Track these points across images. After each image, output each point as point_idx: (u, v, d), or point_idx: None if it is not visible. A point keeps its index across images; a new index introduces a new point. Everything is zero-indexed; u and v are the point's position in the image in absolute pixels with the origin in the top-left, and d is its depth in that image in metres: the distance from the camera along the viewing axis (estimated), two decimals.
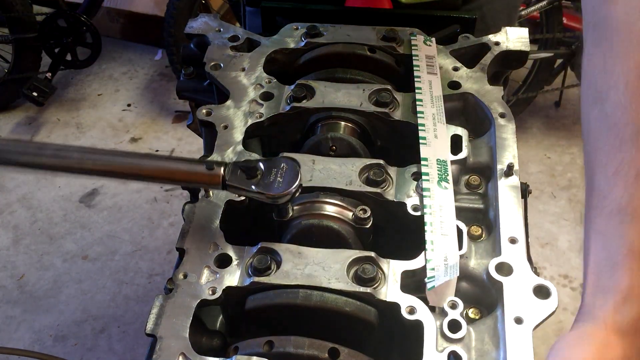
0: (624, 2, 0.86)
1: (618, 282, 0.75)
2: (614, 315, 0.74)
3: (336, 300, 0.80)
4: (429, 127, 0.98)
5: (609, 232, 0.78)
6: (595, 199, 0.81)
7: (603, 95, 0.84)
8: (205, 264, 0.86)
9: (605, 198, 0.80)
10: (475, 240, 0.89)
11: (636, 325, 0.74)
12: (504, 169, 0.94)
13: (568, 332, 0.75)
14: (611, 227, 0.78)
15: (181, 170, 0.87)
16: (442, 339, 0.77)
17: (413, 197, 0.91)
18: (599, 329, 0.73)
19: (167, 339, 0.79)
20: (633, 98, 0.81)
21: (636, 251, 0.76)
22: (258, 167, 0.85)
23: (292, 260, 0.84)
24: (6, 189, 3.08)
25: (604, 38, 0.87)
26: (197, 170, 0.86)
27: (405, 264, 0.84)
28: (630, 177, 0.79)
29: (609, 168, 0.80)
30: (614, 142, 0.81)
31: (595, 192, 0.81)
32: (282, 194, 0.84)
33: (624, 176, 0.79)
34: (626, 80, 0.82)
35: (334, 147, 1.01)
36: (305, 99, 1.05)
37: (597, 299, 0.76)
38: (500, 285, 0.81)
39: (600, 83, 0.86)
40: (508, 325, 0.77)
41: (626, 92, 0.82)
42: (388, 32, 1.15)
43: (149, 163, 0.87)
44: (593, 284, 0.77)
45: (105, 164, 0.86)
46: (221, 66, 1.14)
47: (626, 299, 0.74)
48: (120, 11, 3.68)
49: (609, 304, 0.74)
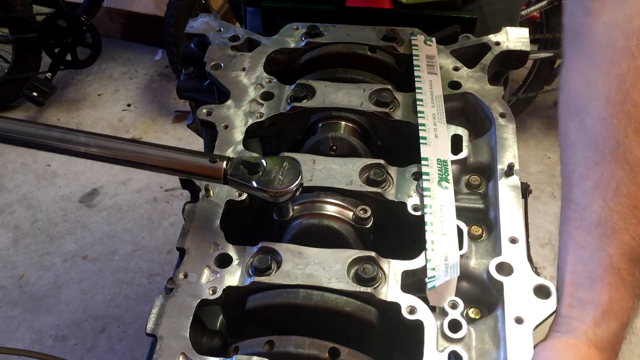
0: (606, 17, 0.86)
1: (598, 297, 0.76)
2: (594, 328, 0.75)
3: (337, 300, 0.80)
4: (429, 127, 0.98)
5: (589, 245, 0.79)
6: (573, 211, 0.82)
7: (583, 107, 0.85)
8: (206, 264, 0.86)
9: (585, 210, 0.80)
10: (475, 240, 0.89)
11: (613, 340, 0.76)
12: (505, 169, 0.94)
13: (548, 341, 0.76)
14: (590, 240, 0.79)
15: (184, 161, 0.87)
16: (442, 338, 0.77)
17: (413, 196, 0.91)
18: (581, 341, 0.74)
19: (168, 339, 0.79)
20: (614, 112, 0.82)
21: (615, 266, 0.77)
22: (260, 164, 0.86)
23: (293, 260, 0.84)
24: (6, 189, 3.08)
25: (585, 51, 0.87)
26: (200, 163, 0.86)
27: (405, 263, 0.84)
28: (610, 192, 0.80)
29: (588, 181, 0.81)
30: (594, 156, 0.82)
31: (573, 204, 0.82)
32: (282, 191, 0.84)
33: (603, 190, 0.80)
34: (607, 94, 0.83)
35: (334, 147, 1.01)
36: (306, 98, 1.05)
37: (577, 312, 0.77)
38: (500, 285, 0.81)
39: (580, 95, 0.86)
40: (508, 325, 0.77)
41: (607, 107, 0.82)
42: (388, 32, 1.15)
43: (153, 152, 0.87)
44: (571, 296, 0.78)
45: (111, 150, 0.87)
46: (221, 66, 1.14)
47: (605, 314, 0.75)
48: (120, 11, 3.68)
49: (589, 318, 0.75)
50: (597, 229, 0.79)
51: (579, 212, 0.81)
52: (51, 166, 3.18)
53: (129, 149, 0.87)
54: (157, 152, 0.88)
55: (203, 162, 0.86)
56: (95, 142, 0.87)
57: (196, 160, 0.87)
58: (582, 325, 0.75)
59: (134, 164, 0.88)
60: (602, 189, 0.80)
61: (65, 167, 3.17)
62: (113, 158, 0.87)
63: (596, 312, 0.75)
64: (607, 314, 0.75)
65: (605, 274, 0.77)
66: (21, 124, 0.88)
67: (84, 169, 3.15)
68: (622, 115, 0.81)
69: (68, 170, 3.15)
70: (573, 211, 0.82)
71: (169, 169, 0.88)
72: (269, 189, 0.84)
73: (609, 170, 0.80)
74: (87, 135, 0.87)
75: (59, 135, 0.87)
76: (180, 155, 0.88)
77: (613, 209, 0.79)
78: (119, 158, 0.87)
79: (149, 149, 0.88)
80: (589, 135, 0.83)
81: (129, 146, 0.88)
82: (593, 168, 0.81)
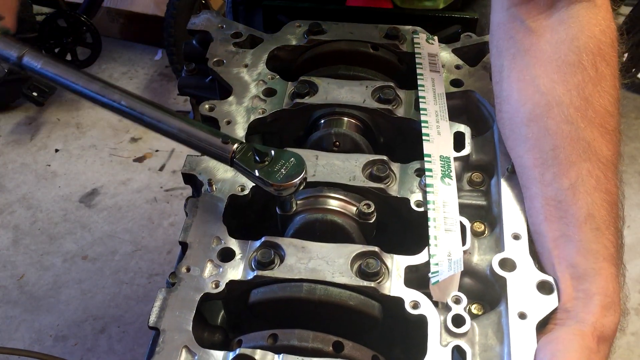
0: (549, 36, 0.90)
1: (602, 287, 0.78)
2: (602, 318, 0.76)
3: (340, 294, 0.80)
4: (431, 124, 0.99)
5: (583, 239, 0.80)
6: (556, 209, 0.83)
7: (542, 114, 0.87)
8: (209, 258, 0.86)
9: (570, 207, 0.82)
10: (478, 236, 0.90)
11: (614, 330, 0.77)
12: (507, 166, 0.94)
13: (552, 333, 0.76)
14: (584, 234, 0.81)
15: (199, 135, 0.90)
16: (446, 333, 0.78)
17: (416, 193, 0.91)
18: (587, 332, 0.75)
19: (170, 332, 0.79)
20: (579, 116, 0.84)
21: (612, 257, 0.80)
22: (269, 154, 0.86)
23: (296, 254, 0.84)
24: (6, 189, 3.08)
25: (531, 65, 0.90)
26: (212, 140, 0.89)
27: (409, 259, 0.84)
28: (591, 188, 0.82)
29: (566, 180, 0.83)
30: (567, 157, 0.84)
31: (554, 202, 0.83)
32: (284, 185, 0.84)
33: (585, 187, 0.82)
34: (569, 100, 0.85)
35: (337, 143, 1.01)
36: (308, 95, 1.05)
37: (582, 304, 0.77)
38: (504, 281, 0.82)
39: (536, 103, 0.88)
40: (512, 321, 0.78)
41: (571, 111, 0.85)
42: (391, 30, 1.16)
43: (173, 121, 0.91)
44: (575, 289, 0.79)
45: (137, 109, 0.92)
46: (224, 62, 1.14)
47: (612, 304, 0.77)
48: (120, 11, 3.68)
49: (597, 309, 0.76)
50: (588, 222, 0.81)
51: (564, 210, 0.82)
52: (51, 166, 3.18)
53: (153, 114, 0.91)
54: (176, 121, 0.91)
55: (215, 140, 0.88)
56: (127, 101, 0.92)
57: (210, 136, 0.89)
58: (591, 317, 0.76)
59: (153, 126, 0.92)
60: (585, 185, 0.82)
61: (65, 167, 3.17)
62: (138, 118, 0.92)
63: (604, 303, 0.77)
64: (612, 304, 0.77)
65: (607, 264, 0.79)
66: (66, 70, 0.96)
67: (84, 169, 3.15)
68: (587, 120, 0.84)
69: (68, 170, 3.15)
70: (556, 209, 0.83)
71: (184, 139, 0.91)
72: (269, 180, 0.84)
73: (586, 169, 0.83)
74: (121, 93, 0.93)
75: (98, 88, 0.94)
76: (196, 129, 0.90)
77: (599, 204, 0.81)
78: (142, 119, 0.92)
79: (171, 117, 0.92)
80: (557, 137, 0.85)
81: (155, 111, 0.92)
82: (570, 167, 0.83)
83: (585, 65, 0.86)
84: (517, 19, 0.93)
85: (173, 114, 0.92)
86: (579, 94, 0.85)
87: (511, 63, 0.93)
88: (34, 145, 3.30)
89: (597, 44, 0.87)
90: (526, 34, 0.91)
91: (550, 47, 0.89)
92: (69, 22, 3.20)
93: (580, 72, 0.86)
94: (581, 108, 0.85)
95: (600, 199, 0.82)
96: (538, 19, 0.91)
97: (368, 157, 0.96)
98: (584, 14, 0.88)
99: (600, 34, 0.87)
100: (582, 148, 0.83)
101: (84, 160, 3.21)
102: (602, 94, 0.85)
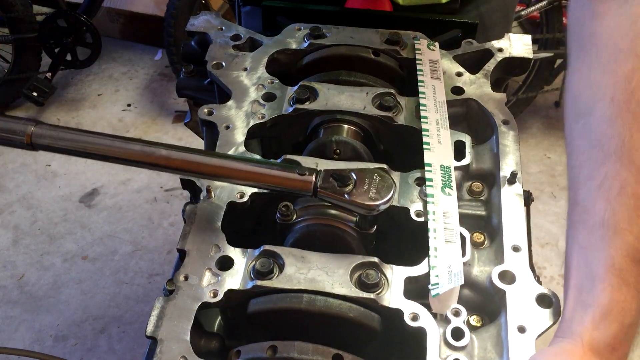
0: (610, 18, 0.86)
1: (598, 298, 0.75)
2: (592, 331, 0.73)
3: (340, 305, 0.80)
4: (432, 133, 0.98)
5: (591, 246, 0.78)
6: (578, 214, 0.81)
7: (588, 109, 0.84)
8: (207, 266, 0.85)
9: (588, 212, 0.79)
10: (477, 247, 0.89)
11: (613, 343, 0.73)
12: (507, 177, 0.93)
13: (546, 348, 0.74)
14: (593, 241, 0.78)
15: (273, 175, 0.86)
16: (445, 346, 0.77)
17: (416, 202, 0.91)
18: (576, 346, 0.72)
19: (168, 342, 0.78)
20: (619, 112, 0.81)
21: (617, 267, 0.76)
22: (351, 176, 0.85)
23: (295, 264, 0.84)
24: (6, 189, 3.08)
25: (590, 54, 0.87)
26: (289, 176, 0.85)
27: (408, 270, 0.83)
28: (614, 191, 0.78)
29: (593, 182, 0.80)
30: (598, 156, 0.81)
31: (578, 207, 0.81)
32: (377, 204, 0.83)
33: (606, 190, 0.79)
34: (612, 94, 0.82)
35: (337, 150, 1.01)
36: (308, 100, 1.05)
37: (577, 314, 0.75)
38: (503, 294, 0.81)
39: (585, 97, 0.85)
40: (511, 334, 0.77)
41: (612, 106, 0.81)
42: (392, 36, 1.15)
43: (241, 166, 0.87)
44: (574, 299, 0.76)
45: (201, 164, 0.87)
46: (223, 65, 1.13)
47: (605, 315, 0.74)
48: (120, 11, 3.67)
49: (587, 320, 0.74)
50: (600, 229, 0.78)
51: (583, 215, 0.80)
52: (51, 166, 3.18)
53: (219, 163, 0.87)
54: (245, 166, 0.87)
55: (292, 175, 0.85)
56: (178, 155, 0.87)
57: (284, 173, 0.86)
58: (580, 328, 0.73)
59: (225, 177, 0.88)
60: (606, 189, 0.79)
61: (65, 167, 3.16)
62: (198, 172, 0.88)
63: (595, 314, 0.74)
64: (607, 316, 0.73)
65: (606, 275, 0.75)
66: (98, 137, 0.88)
67: (84, 169, 3.15)
68: (628, 115, 0.80)
69: (68, 170, 3.15)
70: (578, 214, 0.81)
71: (258, 183, 0.88)
72: (364, 202, 0.83)
73: (614, 170, 0.79)
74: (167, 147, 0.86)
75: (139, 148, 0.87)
76: (267, 169, 0.87)
77: (616, 210, 0.78)
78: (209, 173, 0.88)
79: (237, 162, 0.88)
80: (594, 135, 0.82)
81: (214, 159, 0.87)
82: (597, 169, 0.80)
83: (638, 52, 0.82)
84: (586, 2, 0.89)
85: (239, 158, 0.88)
86: (625, 86, 0.81)
87: (576, 52, 0.90)
88: None
89: None
90: (592, 19, 0.88)
91: (608, 31, 0.85)
92: (69, 22, 3.19)
93: (631, 60, 0.82)
94: (623, 101, 0.81)
95: (621, 204, 0.77)
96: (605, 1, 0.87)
97: (368, 165, 0.95)
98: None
99: None
100: (614, 147, 0.79)
101: (84, 160, 3.19)
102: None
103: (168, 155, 0.86)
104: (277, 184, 0.87)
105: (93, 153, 0.88)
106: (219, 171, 0.87)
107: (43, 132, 0.86)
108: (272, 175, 0.86)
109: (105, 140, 0.87)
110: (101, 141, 0.87)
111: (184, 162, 0.87)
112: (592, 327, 0.73)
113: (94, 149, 0.87)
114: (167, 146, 0.87)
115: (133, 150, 0.86)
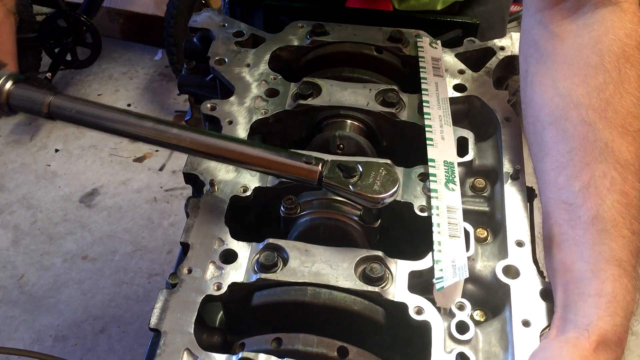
0: (572, 40, 0.89)
1: (601, 288, 0.75)
2: (597, 322, 0.73)
3: (345, 298, 0.80)
4: (435, 129, 0.99)
5: (588, 241, 0.78)
6: (565, 212, 0.81)
7: (560, 116, 0.86)
8: (210, 259, 0.85)
9: (579, 209, 0.80)
10: (481, 242, 0.89)
11: (619, 332, 0.74)
12: (510, 173, 0.94)
13: (550, 339, 0.75)
14: (589, 236, 0.78)
15: (280, 161, 0.87)
16: (449, 340, 0.77)
17: (420, 197, 0.91)
18: (582, 337, 0.72)
19: (172, 334, 0.78)
20: (597, 117, 0.83)
21: (617, 258, 0.76)
22: (357, 168, 0.85)
23: (299, 257, 0.84)
24: (6, 189, 3.08)
25: (553, 69, 0.89)
26: (295, 164, 0.86)
27: (412, 264, 0.83)
28: (604, 189, 0.80)
29: (578, 182, 0.81)
30: (582, 158, 0.82)
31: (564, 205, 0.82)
32: (382, 197, 0.83)
33: (597, 188, 0.80)
34: (588, 102, 0.84)
35: (341, 146, 1.01)
36: (312, 96, 1.05)
37: (580, 306, 0.75)
38: (507, 288, 0.81)
39: (554, 105, 0.87)
40: (516, 328, 0.77)
41: (589, 113, 0.83)
42: (394, 33, 1.15)
43: (250, 150, 0.88)
44: (574, 293, 0.76)
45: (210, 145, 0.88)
46: (226, 61, 1.13)
47: (609, 305, 0.74)
48: (120, 11, 3.68)
49: (592, 311, 0.74)
50: (595, 224, 0.78)
51: (573, 212, 0.80)
52: (51, 166, 3.18)
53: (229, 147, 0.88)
54: (253, 150, 0.88)
55: (298, 163, 0.86)
56: (188, 135, 0.88)
57: (291, 160, 0.86)
58: (585, 319, 0.73)
59: (233, 160, 0.89)
60: (597, 187, 0.80)
61: (65, 167, 3.16)
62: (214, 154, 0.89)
63: (600, 304, 0.74)
64: (612, 305, 0.74)
65: (608, 265, 0.76)
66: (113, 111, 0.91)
67: (84, 169, 3.15)
68: (605, 121, 0.83)
69: (68, 170, 3.15)
70: (565, 212, 0.81)
71: (264, 168, 0.88)
72: (368, 194, 0.83)
73: (601, 170, 0.81)
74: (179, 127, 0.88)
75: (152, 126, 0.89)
76: (275, 155, 0.87)
77: (610, 206, 0.79)
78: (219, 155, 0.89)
79: (245, 146, 0.89)
80: (573, 139, 0.84)
81: (222, 142, 0.88)
82: (583, 169, 0.81)
83: (608, 67, 0.85)
84: (542, 24, 0.92)
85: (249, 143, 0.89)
86: (599, 96, 0.84)
87: (534, 68, 0.92)
88: (34, 145, 3.30)
89: (621, 47, 0.85)
90: (550, 39, 0.91)
91: (572, 50, 0.88)
92: (69, 22, 3.20)
93: (601, 73, 0.84)
94: (600, 109, 0.83)
95: (613, 200, 0.79)
96: (562, 24, 0.91)
97: (371, 160, 0.95)
98: (609, 17, 0.87)
99: (625, 37, 0.86)
100: (599, 149, 0.81)
101: (84, 160, 3.21)
102: (625, 95, 0.83)
103: (179, 135, 0.88)
104: (284, 171, 0.87)
105: (108, 126, 0.90)
106: (227, 154, 0.88)
107: (60, 103, 0.89)
108: (279, 162, 0.87)
109: (120, 115, 0.90)
110: (116, 116, 0.90)
111: (193, 143, 0.88)
112: (597, 317, 0.73)
113: (108, 122, 0.90)
114: (178, 126, 0.89)
115: (146, 127, 0.88)
